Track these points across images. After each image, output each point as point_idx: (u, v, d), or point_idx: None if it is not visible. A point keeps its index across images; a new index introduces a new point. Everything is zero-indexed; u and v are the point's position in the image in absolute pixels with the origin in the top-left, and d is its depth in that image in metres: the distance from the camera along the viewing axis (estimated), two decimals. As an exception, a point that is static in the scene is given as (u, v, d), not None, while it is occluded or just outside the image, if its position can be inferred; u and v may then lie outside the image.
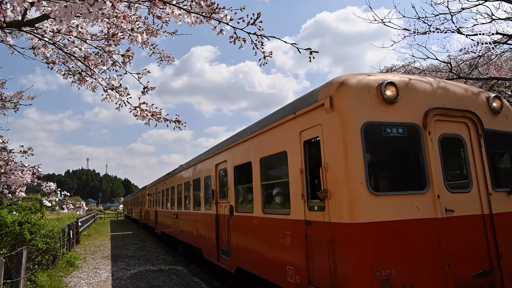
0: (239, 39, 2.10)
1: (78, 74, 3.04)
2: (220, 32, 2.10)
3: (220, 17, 2.01)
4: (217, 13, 1.99)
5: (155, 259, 13.20)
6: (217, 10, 1.97)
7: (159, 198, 19.06)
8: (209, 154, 9.57)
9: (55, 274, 9.86)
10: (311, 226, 4.58)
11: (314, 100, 4.70)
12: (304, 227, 4.71)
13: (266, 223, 5.95)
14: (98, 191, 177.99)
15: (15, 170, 3.25)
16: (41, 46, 2.80)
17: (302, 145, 4.92)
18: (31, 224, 9.74)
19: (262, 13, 2.03)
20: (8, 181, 3.21)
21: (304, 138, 4.90)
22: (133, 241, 19.43)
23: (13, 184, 3.30)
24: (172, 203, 15.15)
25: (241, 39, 2.10)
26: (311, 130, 4.70)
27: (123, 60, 2.55)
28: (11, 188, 3.44)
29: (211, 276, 10.13)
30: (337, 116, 4.19)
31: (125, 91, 2.75)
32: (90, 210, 55.19)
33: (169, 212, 15.97)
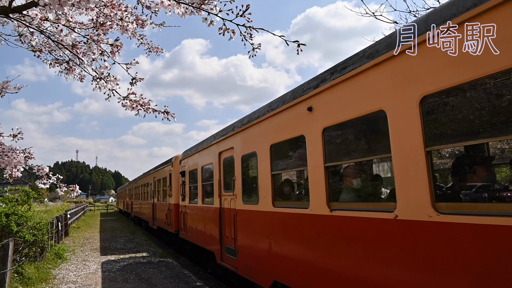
0: (228, 31, 2.10)
1: (65, 63, 2.99)
2: (210, 23, 2.10)
3: (209, 8, 2.00)
4: (206, 4, 1.98)
5: (145, 251, 13.19)
6: (206, 1, 1.97)
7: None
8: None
9: (43, 266, 9.79)
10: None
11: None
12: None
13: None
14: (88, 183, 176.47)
15: (8, 152, 3.21)
16: (28, 34, 2.75)
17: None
18: (18, 216, 9.63)
19: (252, 8, 2.02)
20: (2, 162, 3.16)
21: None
22: (123, 234, 19.35)
23: (7, 165, 3.25)
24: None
25: (230, 31, 2.10)
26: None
27: (112, 49, 2.52)
28: (4, 170, 3.40)
29: (200, 268, 10.17)
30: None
31: (114, 80, 2.72)
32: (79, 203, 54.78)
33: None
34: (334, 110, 4.12)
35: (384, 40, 3.52)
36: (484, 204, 2.89)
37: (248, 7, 1.93)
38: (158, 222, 16.14)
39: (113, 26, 2.33)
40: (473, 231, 2.60)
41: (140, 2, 2.32)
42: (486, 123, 2.76)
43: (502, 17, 2.44)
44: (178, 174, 12.41)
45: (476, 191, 3.07)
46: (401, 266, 3.10)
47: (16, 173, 3.24)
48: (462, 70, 2.63)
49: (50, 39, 2.77)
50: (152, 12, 2.48)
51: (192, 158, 10.96)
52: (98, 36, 2.43)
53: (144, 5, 2.35)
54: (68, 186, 4.09)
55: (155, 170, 17.73)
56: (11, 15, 2.45)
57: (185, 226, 11.38)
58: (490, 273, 2.52)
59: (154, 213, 17.55)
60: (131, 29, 2.30)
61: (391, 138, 3.22)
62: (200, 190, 9.91)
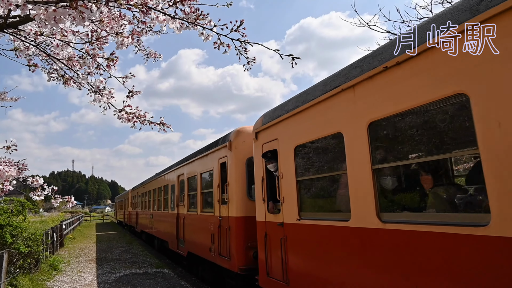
0: (223, 45, 2.13)
1: (61, 77, 2.99)
2: (206, 38, 2.13)
3: (204, 23, 2.03)
4: (201, 19, 2.01)
5: (142, 262, 13.06)
6: (201, 16, 1.99)
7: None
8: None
9: (37, 278, 9.66)
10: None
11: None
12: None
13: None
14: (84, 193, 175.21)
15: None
16: (24, 48, 2.76)
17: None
18: (13, 227, 9.54)
19: (247, 19, 2.07)
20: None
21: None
22: (119, 244, 19.16)
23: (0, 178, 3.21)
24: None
25: (225, 45, 2.13)
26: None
27: (108, 63, 2.53)
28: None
29: (197, 279, 10.07)
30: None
31: (109, 93, 2.73)
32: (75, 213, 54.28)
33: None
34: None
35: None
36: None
37: (242, 22, 1.96)
38: (190, 246, 10.00)
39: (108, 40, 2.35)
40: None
41: (135, 17, 2.34)
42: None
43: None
44: (243, 161, 7.08)
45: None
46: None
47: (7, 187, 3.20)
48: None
49: (45, 53, 2.78)
50: (147, 27, 2.51)
51: (300, 121, 5.18)
52: (94, 51, 2.45)
53: (139, 20, 2.38)
54: (63, 197, 4.05)
55: (181, 164, 11.52)
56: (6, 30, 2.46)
57: (284, 265, 5.31)
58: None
59: (181, 231, 11.11)
60: (127, 43, 2.32)
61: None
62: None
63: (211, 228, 8.14)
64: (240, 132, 7.33)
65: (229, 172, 7.20)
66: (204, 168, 8.96)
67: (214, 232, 7.89)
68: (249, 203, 6.83)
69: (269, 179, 5.92)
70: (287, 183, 5.21)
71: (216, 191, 7.88)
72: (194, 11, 1.98)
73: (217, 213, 7.81)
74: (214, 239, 7.85)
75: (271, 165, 5.73)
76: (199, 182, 9.28)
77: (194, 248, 9.57)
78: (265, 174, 5.97)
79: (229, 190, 7.14)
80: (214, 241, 7.85)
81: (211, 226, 8.15)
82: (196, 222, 9.53)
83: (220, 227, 7.56)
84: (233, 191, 7.00)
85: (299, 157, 5.10)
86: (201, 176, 9.25)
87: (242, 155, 7.09)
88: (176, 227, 11.64)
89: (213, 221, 8.02)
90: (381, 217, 3.33)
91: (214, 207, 7.96)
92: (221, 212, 7.56)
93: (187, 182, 10.59)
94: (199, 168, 9.36)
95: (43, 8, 1.73)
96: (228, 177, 7.23)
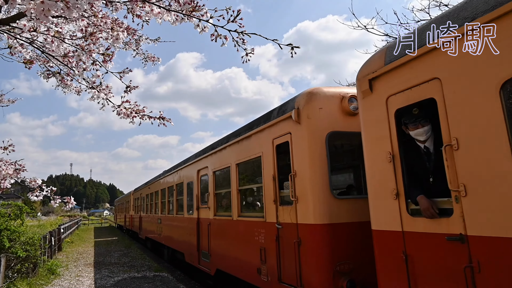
0: (220, 37, 2.09)
1: (57, 74, 2.96)
2: (202, 30, 2.10)
3: (200, 14, 2.00)
4: (197, 10, 1.98)
5: (140, 265, 12.97)
6: (197, 8, 1.96)
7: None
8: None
9: (35, 282, 9.57)
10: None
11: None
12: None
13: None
14: (82, 196, 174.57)
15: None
16: (18, 45, 2.72)
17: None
18: (11, 231, 9.48)
19: (246, 24, 2.03)
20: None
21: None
22: (117, 248, 19.05)
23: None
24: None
25: (223, 37, 2.10)
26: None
27: (104, 58, 2.50)
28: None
29: (196, 282, 10.00)
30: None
31: (107, 88, 2.69)
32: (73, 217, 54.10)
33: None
34: None
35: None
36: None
37: (239, 12, 1.92)
38: (220, 262, 7.59)
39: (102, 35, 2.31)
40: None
41: (130, 11, 2.31)
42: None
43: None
44: (322, 138, 4.79)
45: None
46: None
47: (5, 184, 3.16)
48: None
49: (40, 50, 2.74)
50: (143, 21, 2.48)
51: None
52: (89, 46, 2.41)
53: (134, 14, 2.34)
54: (63, 198, 4.01)
55: (203, 155, 9.11)
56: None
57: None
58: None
59: (203, 241, 8.67)
60: (122, 38, 2.29)
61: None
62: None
63: (260, 240, 5.83)
64: (314, 94, 4.84)
65: (297, 157, 4.85)
66: (244, 155, 6.57)
67: (267, 246, 5.60)
68: (333, 203, 4.52)
69: (407, 155, 3.46)
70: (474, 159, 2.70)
71: (270, 187, 5.56)
72: (190, 2, 1.95)
73: (271, 218, 5.52)
74: (267, 257, 5.56)
75: (419, 131, 3.38)
76: (235, 175, 6.88)
77: (228, 266, 7.09)
78: (397, 148, 3.39)
79: (297, 183, 4.79)
80: (266, 259, 5.58)
81: (260, 237, 5.87)
82: (230, 230, 7.08)
83: (279, 239, 5.22)
84: (307, 185, 4.60)
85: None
86: (238, 167, 6.85)
87: (320, 129, 4.70)
88: (197, 236, 9.03)
89: (265, 230, 5.70)
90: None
91: (266, 209, 5.64)
92: (280, 217, 5.24)
93: (213, 177, 8.13)
94: (234, 157, 6.98)
95: (32, 2, 1.70)
96: (294, 164, 4.89)
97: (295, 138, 4.94)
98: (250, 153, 6.32)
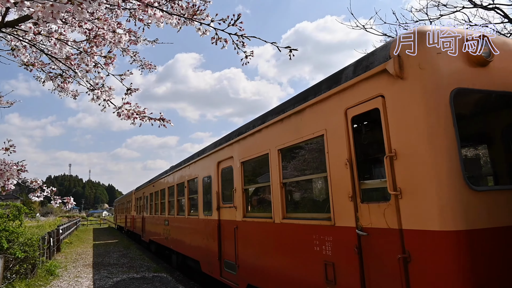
0: (221, 40, 2.14)
1: (59, 76, 2.99)
2: (203, 33, 2.14)
3: (201, 18, 2.04)
4: (198, 14, 2.02)
5: (139, 266, 12.97)
6: (198, 12, 2.01)
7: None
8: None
9: (34, 283, 9.57)
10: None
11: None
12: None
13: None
14: (81, 197, 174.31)
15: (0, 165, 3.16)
16: (21, 48, 2.76)
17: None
18: (9, 232, 9.48)
19: (245, 25, 2.07)
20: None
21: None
22: (116, 248, 19.05)
23: (0, 178, 3.20)
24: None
25: (223, 40, 2.15)
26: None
27: (106, 61, 2.54)
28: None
29: (195, 283, 10.01)
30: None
31: (109, 90, 2.73)
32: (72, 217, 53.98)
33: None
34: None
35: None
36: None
37: (240, 16, 1.97)
38: (253, 276, 6.06)
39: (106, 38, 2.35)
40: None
41: (132, 15, 2.35)
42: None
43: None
44: (445, 97, 3.19)
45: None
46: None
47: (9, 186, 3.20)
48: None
49: (43, 52, 2.77)
50: (145, 24, 2.52)
51: None
52: (91, 48, 2.45)
53: (136, 18, 2.38)
54: (63, 198, 4.05)
55: (226, 143, 7.63)
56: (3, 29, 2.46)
57: None
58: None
59: (228, 248, 7.14)
60: (124, 41, 2.33)
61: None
62: None
63: (323, 252, 4.29)
64: (427, 34, 3.25)
65: (399, 129, 3.35)
66: (292, 137, 5.02)
67: (338, 260, 4.08)
68: (470, 198, 2.99)
69: None
70: None
71: (341, 176, 4.02)
72: (192, 6, 1.99)
73: (344, 221, 3.98)
74: (337, 275, 4.04)
75: None
76: (277, 164, 5.33)
77: (266, 283, 5.56)
78: None
79: (401, 168, 3.28)
80: (336, 279, 4.05)
81: (323, 247, 4.30)
82: (270, 236, 5.51)
83: (361, 251, 3.69)
84: (423, 170, 3.10)
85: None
86: (281, 153, 5.31)
87: (441, 85, 3.19)
88: (218, 242, 7.50)
89: (333, 238, 4.17)
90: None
91: (335, 209, 4.11)
92: (364, 219, 3.71)
93: (241, 169, 6.60)
94: (275, 141, 5.43)
95: (40, 5, 1.73)
96: (393, 141, 3.39)
97: (394, 102, 3.41)
98: (303, 133, 4.78)
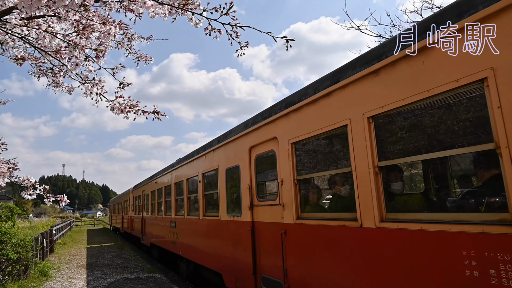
0: (214, 30, 2.09)
1: (50, 70, 2.92)
2: (196, 24, 2.08)
3: (193, 7, 1.99)
4: (190, 3, 1.97)
5: (133, 267, 12.86)
6: (189, 1, 1.95)
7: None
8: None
9: (26, 285, 9.44)
10: None
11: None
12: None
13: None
14: (74, 197, 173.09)
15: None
16: (10, 41, 2.68)
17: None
18: (1, 233, 9.35)
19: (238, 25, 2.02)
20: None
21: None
22: (110, 249, 18.89)
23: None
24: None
25: (216, 30, 2.09)
26: None
27: (96, 54, 2.47)
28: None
29: (190, 283, 9.94)
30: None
31: (100, 83, 2.67)
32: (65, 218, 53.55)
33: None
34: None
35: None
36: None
37: (232, 4, 1.92)
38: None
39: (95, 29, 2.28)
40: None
41: (123, 5, 2.29)
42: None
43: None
44: None
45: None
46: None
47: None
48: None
49: (33, 46, 2.71)
50: (136, 15, 2.46)
51: None
52: (80, 40, 2.38)
53: (127, 8, 2.32)
54: (56, 196, 3.98)
55: (261, 122, 5.75)
56: (-10, 21, 2.39)
57: None
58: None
59: (274, 259, 5.16)
60: (114, 33, 2.26)
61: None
62: None
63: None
64: None
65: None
66: (408, 93, 3.02)
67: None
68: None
69: None
70: None
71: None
72: (183, -5, 1.94)
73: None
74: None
75: None
76: (369, 139, 3.42)
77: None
78: None
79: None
80: None
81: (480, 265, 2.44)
82: (352, 247, 3.65)
83: None
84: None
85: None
86: (373, 123, 3.44)
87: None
88: (252, 251, 5.72)
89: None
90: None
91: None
92: None
93: (292, 153, 4.79)
94: (360, 106, 3.54)
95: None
96: None
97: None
98: (422, 88, 2.90)
